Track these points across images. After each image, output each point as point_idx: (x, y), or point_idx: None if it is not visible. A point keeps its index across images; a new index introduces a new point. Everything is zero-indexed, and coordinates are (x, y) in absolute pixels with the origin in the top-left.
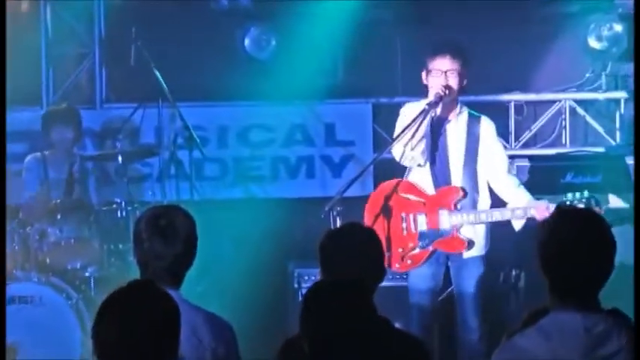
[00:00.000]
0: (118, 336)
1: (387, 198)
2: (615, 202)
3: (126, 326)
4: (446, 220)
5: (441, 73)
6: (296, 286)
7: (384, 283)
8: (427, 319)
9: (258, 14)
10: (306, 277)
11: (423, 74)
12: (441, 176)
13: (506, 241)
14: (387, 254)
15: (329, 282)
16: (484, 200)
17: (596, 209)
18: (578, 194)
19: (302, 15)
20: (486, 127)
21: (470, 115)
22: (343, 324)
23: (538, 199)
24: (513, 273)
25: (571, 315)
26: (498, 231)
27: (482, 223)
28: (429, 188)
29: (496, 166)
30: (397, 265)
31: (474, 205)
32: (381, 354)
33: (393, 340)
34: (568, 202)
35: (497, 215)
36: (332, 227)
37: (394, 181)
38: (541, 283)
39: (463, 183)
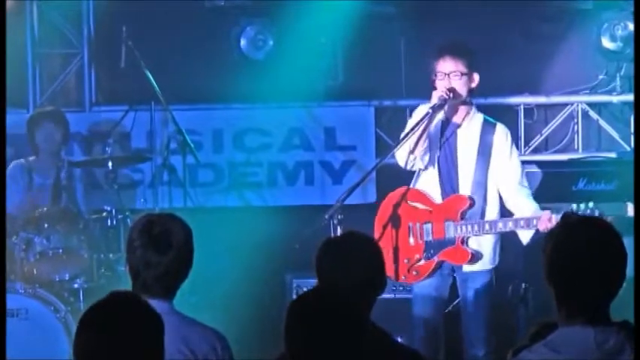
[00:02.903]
0: (97, 350)
1: (396, 206)
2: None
3: (105, 340)
4: (451, 230)
5: (444, 75)
6: (294, 297)
7: (389, 296)
8: (431, 332)
9: (255, 12)
10: (305, 289)
11: (433, 77)
12: (448, 183)
13: (515, 254)
14: (393, 265)
15: (316, 291)
16: (493, 210)
17: None
18: (582, 205)
19: (300, 13)
20: (501, 134)
21: (485, 120)
22: (331, 337)
23: (549, 207)
24: (522, 286)
25: (582, 329)
26: (507, 243)
27: (486, 233)
28: (436, 195)
29: (508, 176)
30: (403, 277)
31: (482, 214)
32: None
33: (386, 354)
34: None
35: (501, 226)
36: (331, 236)
37: (403, 189)
38: (550, 297)
39: (471, 191)
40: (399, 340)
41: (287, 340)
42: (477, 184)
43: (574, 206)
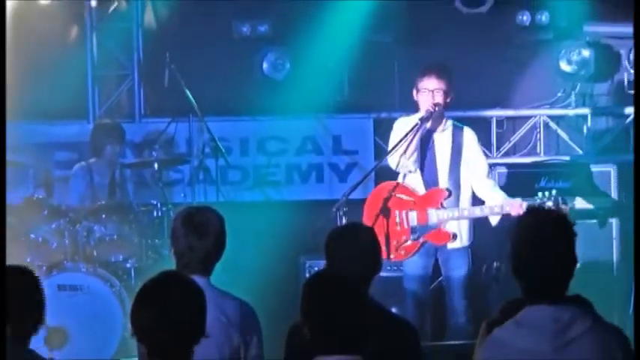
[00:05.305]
0: (152, 318)
1: (385, 198)
2: (581, 204)
3: (159, 310)
4: (433, 216)
5: (429, 91)
6: (307, 275)
7: (386, 274)
8: (420, 303)
9: (275, 41)
10: (316, 268)
11: (414, 92)
12: (430, 180)
13: (488, 238)
14: (384, 246)
15: (325, 271)
16: (466, 199)
17: (563, 207)
18: (547, 193)
19: (313, 41)
20: (468, 136)
21: (454, 126)
22: (337, 308)
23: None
24: (494, 265)
25: (541, 308)
26: (481, 229)
27: (464, 218)
28: (420, 190)
29: (477, 170)
30: (392, 256)
31: (457, 203)
32: (372, 333)
33: (382, 321)
34: (538, 201)
35: (477, 211)
36: (337, 226)
37: (389, 184)
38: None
39: (449, 185)
40: (393, 310)
41: (303, 310)
42: (453, 179)
43: (539, 194)
